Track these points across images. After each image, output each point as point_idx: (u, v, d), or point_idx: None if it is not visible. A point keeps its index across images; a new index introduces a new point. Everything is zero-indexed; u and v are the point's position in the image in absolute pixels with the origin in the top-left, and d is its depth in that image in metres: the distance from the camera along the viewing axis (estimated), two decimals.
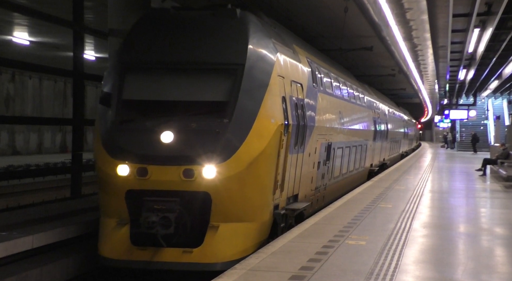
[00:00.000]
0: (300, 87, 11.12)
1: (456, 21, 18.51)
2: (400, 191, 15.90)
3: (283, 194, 10.09)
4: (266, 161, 9.05)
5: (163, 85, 9.31)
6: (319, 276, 6.66)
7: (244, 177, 8.74)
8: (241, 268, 6.95)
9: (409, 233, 9.48)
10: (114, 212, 8.94)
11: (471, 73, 32.23)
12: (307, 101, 11.58)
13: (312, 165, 12.36)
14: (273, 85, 9.35)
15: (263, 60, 9.42)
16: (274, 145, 9.17)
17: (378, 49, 20.38)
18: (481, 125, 52.22)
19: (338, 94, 15.69)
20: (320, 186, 13.58)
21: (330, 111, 14.12)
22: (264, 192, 9.20)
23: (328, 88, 14.21)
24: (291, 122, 9.97)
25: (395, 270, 7.03)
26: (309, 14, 15.86)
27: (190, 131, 8.75)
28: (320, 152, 12.91)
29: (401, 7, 14.77)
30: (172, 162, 8.63)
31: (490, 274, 7.17)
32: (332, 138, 14.25)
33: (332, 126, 14.29)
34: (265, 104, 9.05)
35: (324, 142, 13.30)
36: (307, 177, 11.92)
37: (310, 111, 11.75)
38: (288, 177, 10.24)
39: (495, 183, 19.58)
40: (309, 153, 11.79)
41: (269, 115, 9.10)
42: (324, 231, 9.44)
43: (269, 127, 9.03)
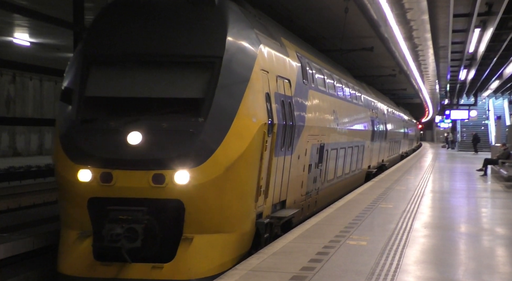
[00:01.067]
0: (287, 84, 10.26)
1: (457, 21, 18.51)
2: (401, 191, 15.89)
3: (268, 200, 9.24)
4: (247, 165, 8.20)
5: (131, 80, 8.40)
6: (320, 277, 6.66)
7: (221, 183, 7.88)
8: (242, 269, 6.95)
9: (410, 233, 9.47)
10: (75, 223, 7.99)
11: (472, 73, 32.22)
12: (296, 98, 10.71)
13: (302, 168, 11.46)
14: (254, 80, 8.48)
15: (243, 53, 8.54)
16: (256, 146, 8.33)
17: (378, 49, 20.37)
18: (482, 126, 52.19)
19: (332, 92, 14.78)
20: (312, 191, 12.68)
21: (323, 110, 13.24)
22: (245, 199, 8.33)
23: (320, 86, 13.30)
24: (276, 121, 9.17)
25: (396, 270, 7.02)
26: (310, 14, 15.86)
27: (161, 131, 7.89)
28: (312, 153, 12.08)
29: (402, 7, 14.77)
30: (140, 166, 7.74)
31: (491, 274, 7.16)
32: (325, 139, 13.39)
33: (325, 126, 13.45)
34: (245, 101, 8.19)
35: (316, 143, 12.43)
36: (296, 181, 11.05)
37: (299, 110, 10.83)
38: (274, 182, 9.43)
39: (496, 183, 19.57)
40: (299, 155, 10.93)
41: (250, 114, 8.26)
42: (325, 231, 9.43)
43: (250, 127, 8.20)
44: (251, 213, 8.52)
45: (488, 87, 41.13)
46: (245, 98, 8.21)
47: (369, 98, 22.53)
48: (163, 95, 8.27)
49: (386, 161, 27.56)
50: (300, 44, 13.14)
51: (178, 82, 8.32)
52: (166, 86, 8.29)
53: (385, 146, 26.72)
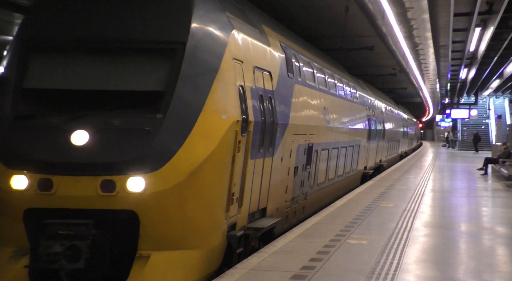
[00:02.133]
0: (267, 76, 9.12)
1: (457, 20, 18.50)
2: (402, 190, 15.89)
3: (243, 209, 8.09)
4: (215, 169, 7.07)
5: (77, 70, 7.17)
6: (320, 276, 6.65)
7: (183, 190, 6.77)
8: (242, 268, 6.94)
9: (410, 232, 9.47)
10: (9, 239, 6.78)
11: (472, 72, 32.21)
12: (279, 93, 9.54)
13: (287, 171, 10.28)
14: (225, 71, 7.35)
15: (212, 38, 7.37)
16: (226, 147, 7.22)
17: (379, 48, 20.37)
18: (482, 125, 52.17)
19: (323, 88, 13.52)
20: (299, 196, 11.46)
21: (311, 106, 11.99)
22: (213, 209, 7.17)
23: (309, 80, 12.07)
24: (252, 119, 8.02)
25: (396, 270, 7.02)
26: (310, 13, 15.84)
27: (111, 130, 6.75)
28: (298, 154, 10.88)
29: (402, 6, 14.77)
30: (86, 171, 6.60)
31: (491, 273, 7.15)
32: (315, 138, 12.15)
33: (314, 124, 12.19)
34: (213, 95, 7.06)
35: (303, 143, 11.23)
36: (279, 185, 9.87)
37: (282, 106, 9.70)
38: (250, 188, 8.30)
39: (497, 182, 19.57)
40: (282, 156, 9.76)
41: (219, 110, 7.16)
42: (325, 231, 9.43)
43: (218, 125, 7.10)
44: (221, 225, 7.35)
45: (489, 86, 41.13)
46: (213, 92, 7.07)
47: (366, 95, 21.54)
48: (115, 88, 7.10)
49: (384, 161, 26.59)
50: (287, 34, 11.91)
51: (133, 72, 7.17)
52: (119, 77, 7.14)
53: (383, 146, 25.66)
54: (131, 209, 6.68)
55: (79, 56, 7.25)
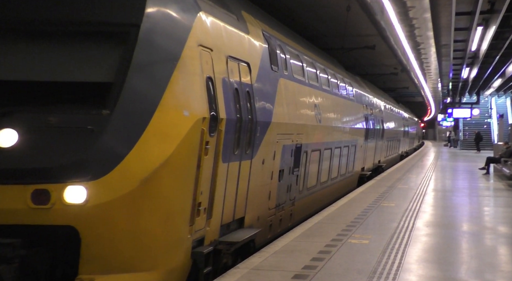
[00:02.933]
0: (245, 68, 8.10)
1: (459, 20, 18.46)
2: (403, 190, 15.87)
3: (213, 221, 7.04)
4: (175, 175, 6.04)
5: (7, 57, 6.10)
6: (322, 275, 6.64)
7: (135, 201, 5.74)
8: (243, 267, 6.93)
9: (412, 232, 9.46)
10: None
11: (474, 72, 32.16)
12: (259, 88, 8.52)
13: (269, 175, 9.28)
14: (188, 59, 6.34)
15: (172, 21, 6.37)
16: (188, 149, 6.19)
17: (380, 48, 20.34)
18: (484, 124, 52.14)
19: (314, 83, 12.45)
20: (285, 202, 10.43)
21: (299, 103, 10.96)
22: (172, 223, 6.12)
23: (297, 74, 11.05)
24: (224, 116, 7.02)
25: (398, 269, 7.01)
26: (311, 13, 15.83)
27: (46, 129, 5.68)
28: (283, 156, 9.86)
29: (404, 6, 14.72)
30: (13, 178, 5.53)
31: (493, 273, 7.14)
32: (304, 138, 11.09)
33: (303, 123, 11.10)
34: (173, 87, 6.05)
35: (290, 144, 10.19)
36: (260, 192, 8.84)
37: (263, 102, 8.67)
38: (223, 196, 7.29)
39: (499, 182, 19.55)
40: (263, 159, 8.76)
41: (180, 105, 6.15)
42: (327, 230, 9.42)
43: (179, 123, 6.08)
44: (183, 241, 6.32)
45: (491, 85, 41.07)
46: (172, 83, 6.05)
47: (363, 93, 20.46)
48: (53, 78, 6.00)
49: (383, 162, 25.62)
50: (273, 24, 10.86)
51: (75, 60, 6.07)
52: (58, 66, 6.06)
53: (382, 145, 24.66)
54: (70, 224, 5.58)
55: (9, 41, 6.13)
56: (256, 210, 8.77)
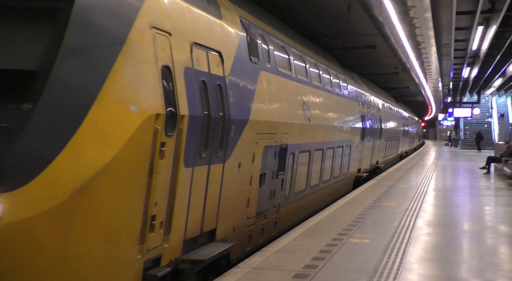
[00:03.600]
0: (216, 58, 7.07)
1: (460, 19, 18.46)
2: (404, 189, 15.88)
3: (172, 237, 6.00)
4: (118, 184, 5.02)
5: None
6: (322, 275, 6.65)
7: (65, 217, 4.70)
8: (244, 267, 6.94)
9: (413, 231, 9.46)
10: None
11: (475, 71, 32.14)
12: (234, 81, 7.55)
13: (248, 180, 8.31)
14: (137, 44, 5.31)
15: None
16: (137, 152, 5.18)
17: (381, 47, 20.35)
18: (485, 123, 52.13)
19: (303, 78, 11.44)
20: (268, 209, 9.45)
21: (285, 100, 9.96)
22: (114, 242, 5.09)
23: (283, 68, 10.09)
24: (186, 112, 6.02)
25: (399, 268, 7.01)
26: (312, 12, 15.85)
27: None
28: (265, 158, 8.89)
29: (405, 5, 14.73)
30: None
31: (494, 272, 7.14)
32: (290, 138, 10.15)
33: (289, 121, 10.12)
34: (116, 76, 5.00)
35: (273, 144, 9.26)
36: (235, 199, 7.88)
37: (239, 97, 7.66)
38: (186, 206, 6.27)
39: (499, 181, 19.55)
40: (239, 161, 7.76)
41: (126, 98, 5.07)
42: (327, 229, 9.43)
43: (124, 120, 5.02)
44: (131, 263, 5.32)
45: (491, 85, 41.05)
46: (115, 72, 5.00)
47: (359, 90, 19.31)
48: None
49: (382, 162, 24.68)
50: (256, 12, 9.87)
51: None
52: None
53: (380, 145, 23.72)
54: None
55: None
56: (231, 220, 7.74)
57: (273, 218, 9.87)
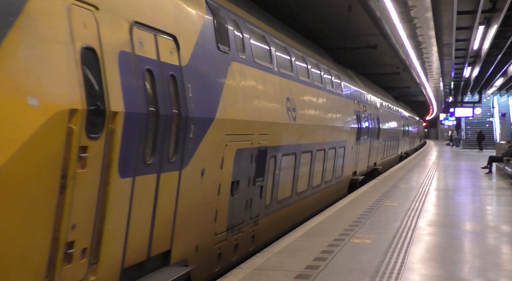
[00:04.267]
0: (169, 43, 5.89)
1: (461, 19, 18.46)
2: (405, 189, 15.87)
3: (102, 266, 4.85)
4: (9, 202, 3.84)
5: None
6: (324, 275, 6.64)
7: None
8: (246, 267, 6.93)
9: (414, 231, 9.45)
10: None
11: (476, 71, 32.13)
12: (195, 72, 6.40)
13: (215, 189, 7.14)
14: (40, 17, 4.14)
15: None
16: (40, 160, 4.04)
17: (382, 47, 20.35)
18: (486, 123, 52.10)
19: (287, 72, 10.31)
20: (243, 222, 8.34)
21: (263, 96, 8.88)
22: (8, 278, 3.91)
23: (262, 60, 9.01)
24: (121, 108, 4.89)
25: (401, 269, 7.01)
26: (313, 13, 15.84)
27: None
28: (238, 163, 7.76)
29: (405, 5, 14.72)
30: None
31: (496, 272, 7.13)
32: (271, 140, 9.06)
33: (269, 120, 9.00)
34: (6, 58, 3.88)
35: (249, 147, 8.17)
36: (198, 213, 6.69)
37: (202, 92, 6.54)
38: (125, 225, 5.16)
39: (501, 181, 19.53)
40: (202, 168, 6.60)
41: (22, 88, 3.94)
42: (329, 230, 9.42)
43: (18, 118, 3.90)
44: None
45: (493, 84, 41.05)
46: (5, 52, 3.87)
47: (355, 87, 18.11)
48: None
49: (380, 164, 23.58)
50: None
51: None
52: None
53: (377, 146, 22.64)
54: None
55: None
56: (192, 238, 6.61)
57: (250, 231, 8.69)
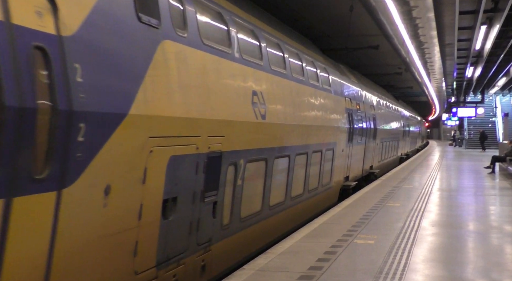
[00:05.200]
0: (38, 2, 4.17)
1: (463, 18, 18.44)
2: (408, 190, 15.85)
3: None
4: None
5: None
6: (328, 276, 6.64)
7: None
8: (249, 269, 6.93)
9: (418, 232, 9.44)
10: None
11: (479, 71, 32.09)
12: (91, 46, 4.71)
13: (135, 213, 5.40)
14: None
15: None
16: None
17: (384, 47, 20.34)
18: (489, 123, 52.04)
19: (255, 61, 8.56)
20: (185, 250, 6.53)
21: (216, 87, 7.01)
22: None
23: (213, 41, 7.07)
24: None
25: (404, 269, 6.99)
26: (315, 13, 15.84)
27: None
28: (174, 175, 5.96)
29: (407, 5, 14.72)
30: None
31: (500, 272, 7.11)
32: (228, 143, 7.29)
33: (225, 118, 7.23)
34: None
35: (193, 153, 6.38)
36: (102, 248, 4.95)
37: (104, 76, 4.86)
38: None
39: (504, 181, 19.50)
40: (106, 185, 4.86)
41: None
42: (332, 231, 9.41)
43: None
44: None
45: (495, 84, 40.99)
46: None
47: (346, 83, 16.28)
48: None
49: (377, 167, 22.00)
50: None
51: None
52: None
53: (374, 148, 21.10)
54: None
55: None
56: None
57: (197, 262, 6.89)
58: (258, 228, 9.08)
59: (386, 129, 25.05)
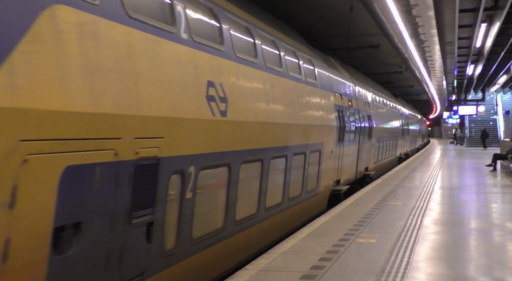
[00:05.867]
0: None
1: (463, 17, 18.44)
2: (410, 188, 15.85)
3: None
4: None
5: None
6: (330, 275, 6.64)
7: None
8: (251, 269, 6.94)
9: (420, 230, 9.44)
10: None
11: (479, 69, 32.09)
12: None
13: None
14: None
15: None
16: None
17: (384, 47, 20.34)
18: (490, 121, 52.02)
19: (213, 45, 7.08)
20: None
21: (149, 74, 5.49)
22: None
23: (144, 15, 5.50)
24: None
25: (406, 268, 7.00)
26: (315, 13, 15.84)
27: None
28: (73, 193, 4.40)
29: (407, 4, 14.72)
30: None
31: (502, 270, 7.12)
32: (168, 146, 5.78)
33: (163, 115, 5.68)
34: None
35: (107, 161, 4.82)
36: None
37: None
38: None
39: (506, 178, 19.50)
40: None
41: None
42: (334, 230, 9.42)
43: None
44: None
45: (496, 82, 41.00)
46: None
47: (336, 77, 14.74)
48: None
49: (373, 169, 20.57)
50: None
51: None
52: None
53: (369, 148, 19.56)
54: None
55: None
56: None
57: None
58: (219, 249, 7.41)
59: (383, 128, 23.37)
